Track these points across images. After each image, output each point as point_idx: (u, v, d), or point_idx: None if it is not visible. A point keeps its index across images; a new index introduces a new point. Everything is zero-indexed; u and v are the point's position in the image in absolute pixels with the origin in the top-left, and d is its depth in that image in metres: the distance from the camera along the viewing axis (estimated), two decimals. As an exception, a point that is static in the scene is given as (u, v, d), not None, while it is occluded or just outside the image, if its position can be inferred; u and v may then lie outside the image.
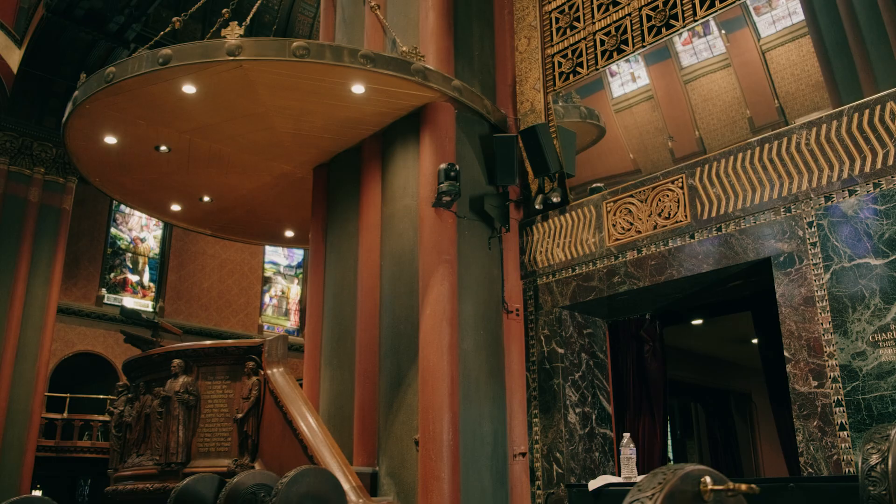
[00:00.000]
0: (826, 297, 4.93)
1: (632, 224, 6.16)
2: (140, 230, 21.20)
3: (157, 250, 21.34)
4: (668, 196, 5.98)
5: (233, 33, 6.13)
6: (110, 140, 7.36)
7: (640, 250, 6.05)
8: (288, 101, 6.70)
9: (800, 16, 5.90)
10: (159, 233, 21.24)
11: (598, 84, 7.38)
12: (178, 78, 6.33)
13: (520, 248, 7.01)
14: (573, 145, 6.97)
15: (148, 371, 6.36)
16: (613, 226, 6.29)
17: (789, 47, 6.20)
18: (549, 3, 7.59)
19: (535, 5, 7.66)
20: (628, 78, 7.38)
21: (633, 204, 6.20)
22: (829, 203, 5.05)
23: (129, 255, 20.94)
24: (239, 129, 7.21)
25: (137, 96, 6.62)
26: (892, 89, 4.92)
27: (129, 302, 19.98)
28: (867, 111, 4.99)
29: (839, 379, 4.79)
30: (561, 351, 6.47)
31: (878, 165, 4.87)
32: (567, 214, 6.68)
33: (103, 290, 19.70)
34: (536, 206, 6.84)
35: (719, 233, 5.60)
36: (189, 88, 6.47)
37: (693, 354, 8.42)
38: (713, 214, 5.65)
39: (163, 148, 7.52)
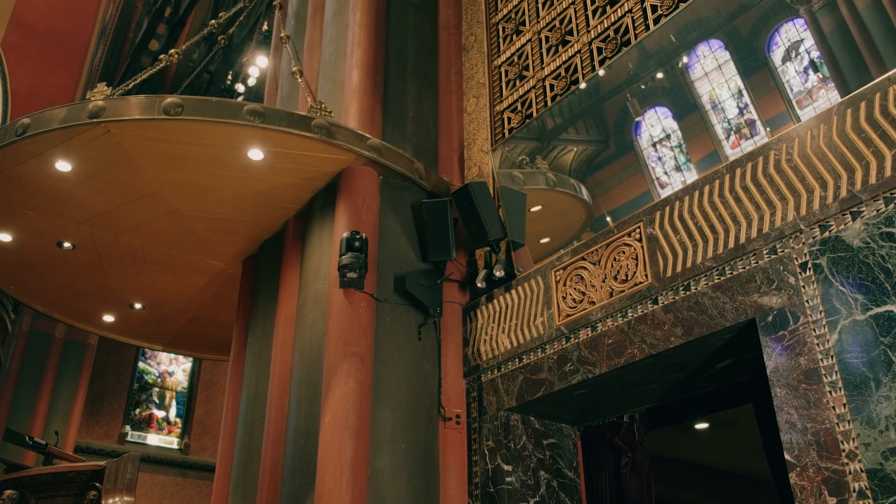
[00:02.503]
0: (836, 368, 3.34)
1: (584, 294, 4.73)
2: (169, 363, 20.52)
3: (185, 384, 20.54)
4: (624, 253, 4.56)
5: (98, 94, 5.25)
6: (4, 237, 6.46)
7: (595, 326, 4.57)
8: (179, 174, 5.70)
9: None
10: (188, 366, 20.49)
11: (647, 197, 6.74)
12: (45, 152, 5.44)
13: (463, 339, 5.60)
14: (522, 209, 5.69)
15: (-10, 508, 5.06)
16: (563, 298, 4.86)
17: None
18: (498, 56, 6.56)
19: (483, 61, 6.64)
20: (679, 186, 6.51)
21: (584, 269, 4.80)
22: (827, 233, 3.56)
23: (157, 389, 20.20)
24: (139, 216, 6.22)
25: (10, 179, 5.74)
26: (892, 71, 3.53)
27: (154, 439, 19.04)
28: (863, 104, 3.59)
29: (868, 492, 3.12)
30: (508, 468, 4.89)
31: (888, 173, 3.40)
32: (513, 291, 5.30)
33: (127, 427, 18.86)
34: (478, 285, 5.49)
35: (687, 292, 4.11)
36: (63, 165, 5.56)
37: (707, 471, 6.58)
38: (679, 269, 4.20)
39: (66, 244, 6.58)
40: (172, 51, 6.29)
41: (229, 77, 17.91)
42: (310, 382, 5.21)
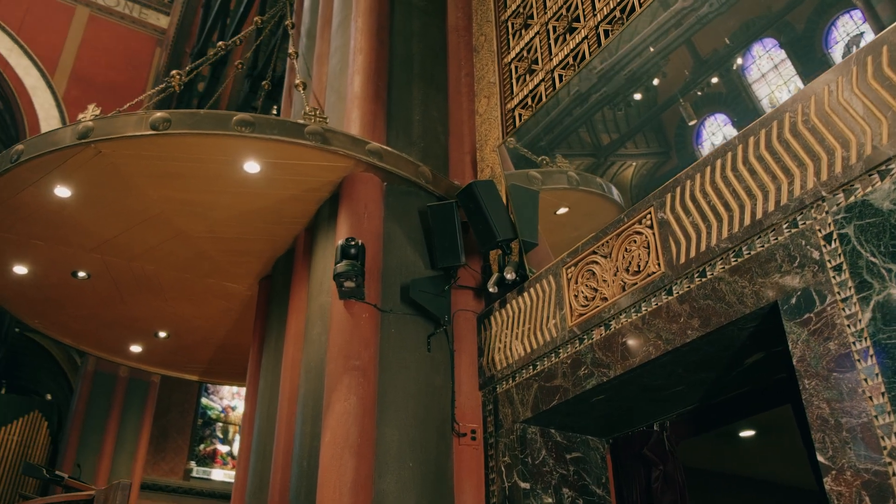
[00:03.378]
0: (871, 352, 2.86)
1: (596, 290, 4.31)
2: (231, 398, 20.62)
3: (248, 418, 20.50)
4: (635, 242, 4.14)
5: (87, 115, 5.16)
6: (20, 270, 6.44)
7: (608, 325, 4.15)
8: (178, 192, 5.56)
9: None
10: (251, 399, 20.52)
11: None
12: (42, 178, 5.38)
13: (478, 348, 5.23)
14: (534, 208, 5.32)
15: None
16: (575, 297, 4.46)
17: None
18: (508, 53, 6.25)
19: (493, 60, 6.34)
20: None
21: (596, 263, 4.39)
22: (853, 198, 3.09)
23: (220, 424, 20.29)
24: (147, 240, 6.10)
25: (14, 208, 5.70)
26: (918, 5, 3.07)
27: (218, 474, 19.09)
28: (885, 49, 3.13)
29: (917, 496, 2.62)
30: (525, 486, 4.46)
31: (917, 122, 2.93)
32: (525, 294, 4.91)
33: (192, 463, 18.97)
34: (490, 290, 5.12)
35: (703, 279, 3.66)
36: (62, 191, 5.49)
37: (752, 482, 5.94)
38: (692, 254, 3.75)
39: (81, 273, 6.52)
40: (174, 72, 6.20)
41: (274, 110, 18.16)
42: (314, 401, 4.93)
